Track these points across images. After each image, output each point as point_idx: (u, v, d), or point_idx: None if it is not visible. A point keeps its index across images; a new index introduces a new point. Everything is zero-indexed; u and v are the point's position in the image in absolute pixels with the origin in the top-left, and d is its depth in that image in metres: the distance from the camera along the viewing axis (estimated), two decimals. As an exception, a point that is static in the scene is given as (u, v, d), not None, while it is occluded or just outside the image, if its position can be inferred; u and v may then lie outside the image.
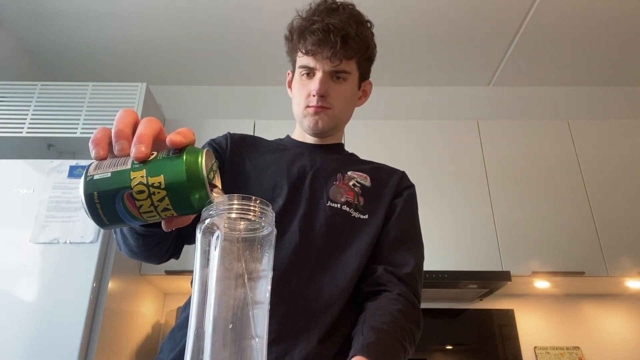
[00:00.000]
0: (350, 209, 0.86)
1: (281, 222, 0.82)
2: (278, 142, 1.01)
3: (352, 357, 0.66)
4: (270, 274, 0.46)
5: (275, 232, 0.46)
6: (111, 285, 1.75)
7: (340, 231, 0.84)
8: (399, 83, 2.91)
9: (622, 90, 2.90)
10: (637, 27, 2.43)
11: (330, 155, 0.95)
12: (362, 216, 0.86)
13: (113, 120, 2.12)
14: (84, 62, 2.73)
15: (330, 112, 0.91)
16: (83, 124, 2.11)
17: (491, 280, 2.06)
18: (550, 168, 2.30)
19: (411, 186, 0.97)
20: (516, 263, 2.09)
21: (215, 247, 0.44)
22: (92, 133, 2.08)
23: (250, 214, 0.43)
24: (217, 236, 0.44)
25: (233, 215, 0.43)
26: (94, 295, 1.67)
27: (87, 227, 1.73)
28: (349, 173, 0.91)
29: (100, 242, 1.72)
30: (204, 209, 0.45)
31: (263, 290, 0.45)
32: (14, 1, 2.29)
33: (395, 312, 0.75)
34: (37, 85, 2.20)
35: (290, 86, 1.01)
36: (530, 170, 2.30)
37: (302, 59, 0.90)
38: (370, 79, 1.02)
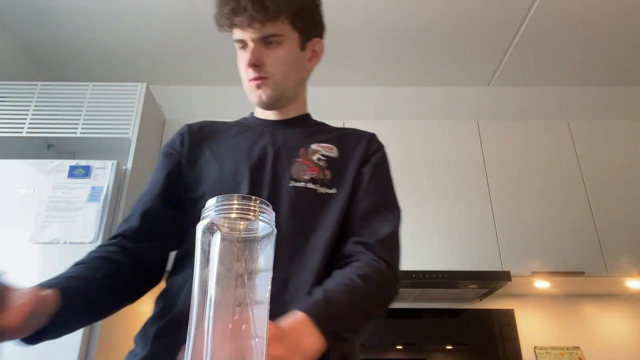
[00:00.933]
0: (315, 185, 0.81)
1: None
2: (241, 121, 0.98)
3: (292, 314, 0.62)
4: (270, 274, 0.46)
5: (275, 232, 0.46)
6: (111, 285, 1.75)
7: (306, 211, 0.79)
8: (399, 83, 2.91)
9: (622, 90, 2.90)
10: (637, 27, 2.43)
11: (293, 130, 0.91)
12: (329, 191, 0.82)
13: (113, 120, 2.13)
14: (84, 62, 2.73)
15: (270, 81, 0.86)
16: (83, 124, 2.11)
17: (491, 280, 2.05)
18: (550, 168, 2.30)
19: (379, 149, 0.92)
20: (516, 263, 2.09)
21: (215, 247, 0.44)
22: (92, 133, 2.09)
23: (250, 214, 0.43)
24: (217, 236, 0.44)
25: (233, 215, 0.43)
26: (94, 295, 1.67)
27: (87, 227, 1.73)
28: (313, 146, 0.86)
29: (100, 242, 1.72)
30: (204, 209, 0.45)
31: (263, 290, 0.45)
32: (14, 1, 2.29)
33: (355, 277, 0.70)
34: (37, 85, 2.20)
35: None
36: (530, 170, 2.30)
37: (234, 32, 0.86)
38: (323, 40, 0.94)
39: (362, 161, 0.87)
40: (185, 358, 0.42)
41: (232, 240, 0.44)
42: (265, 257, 0.46)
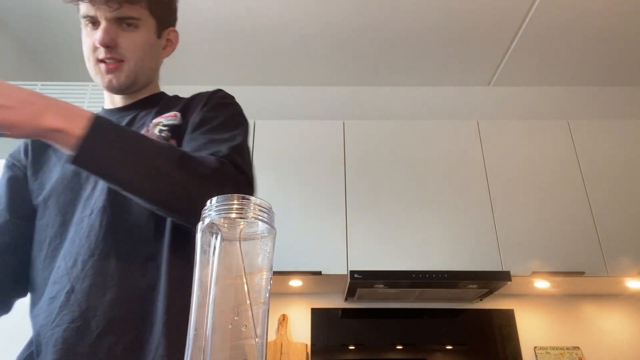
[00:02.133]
0: None
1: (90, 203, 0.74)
2: None
3: None
4: (270, 274, 0.46)
5: (275, 232, 0.46)
6: (111, 285, 1.75)
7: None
8: (399, 83, 2.91)
9: (622, 90, 2.90)
10: (637, 27, 2.43)
11: (142, 112, 0.86)
12: None
13: (113, 120, 2.12)
14: (84, 62, 2.72)
15: (125, 65, 0.82)
16: (83, 124, 2.11)
17: (491, 280, 2.05)
18: (550, 168, 2.30)
19: (213, 93, 0.85)
20: (516, 263, 2.09)
21: (215, 247, 0.44)
22: (92, 133, 2.09)
23: (250, 214, 0.43)
24: (217, 236, 0.44)
25: (233, 215, 0.43)
26: (94, 295, 1.66)
27: (87, 227, 1.73)
28: (156, 119, 0.81)
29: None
30: (204, 209, 0.45)
31: (263, 290, 0.45)
32: (14, 1, 2.29)
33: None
34: (37, 85, 2.19)
35: None
36: (530, 170, 2.30)
37: (82, 7, 0.82)
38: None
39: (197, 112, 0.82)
40: (186, 358, 0.42)
41: (232, 240, 0.44)
42: (265, 257, 0.46)
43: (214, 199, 0.45)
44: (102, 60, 0.82)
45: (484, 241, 2.15)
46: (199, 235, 0.45)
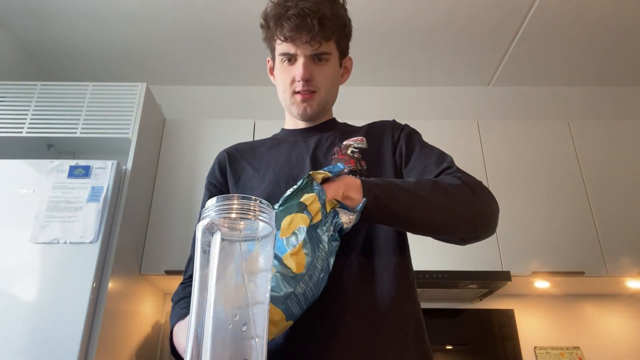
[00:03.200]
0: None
1: None
2: (273, 137, 1.02)
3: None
4: (269, 274, 0.46)
5: (275, 232, 0.46)
6: (111, 285, 1.75)
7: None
8: (399, 83, 2.91)
9: (622, 90, 2.90)
10: (637, 27, 2.43)
11: (324, 134, 0.95)
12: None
13: (113, 120, 2.13)
14: (84, 62, 2.73)
15: (317, 95, 0.91)
16: (83, 124, 2.11)
17: (491, 280, 2.05)
18: (550, 168, 2.30)
19: (404, 126, 0.97)
20: (516, 263, 2.09)
21: (215, 247, 0.44)
22: (92, 133, 2.10)
23: (249, 214, 0.43)
24: (217, 236, 0.44)
25: (233, 215, 0.43)
26: (94, 295, 1.67)
27: (87, 227, 1.73)
28: (345, 142, 0.91)
29: (100, 242, 1.72)
30: (204, 209, 0.45)
31: (263, 290, 0.45)
32: (14, 1, 2.29)
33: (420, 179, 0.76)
34: (37, 85, 2.19)
35: (272, 73, 1.01)
36: (530, 170, 2.30)
37: (282, 46, 0.89)
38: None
39: (393, 144, 0.92)
40: (186, 358, 0.42)
41: (232, 240, 0.44)
42: (265, 257, 0.46)
43: (214, 199, 0.45)
44: (298, 92, 0.91)
45: (484, 241, 2.14)
46: (199, 235, 0.45)
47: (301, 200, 0.65)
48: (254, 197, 0.44)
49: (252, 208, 0.43)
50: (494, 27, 2.45)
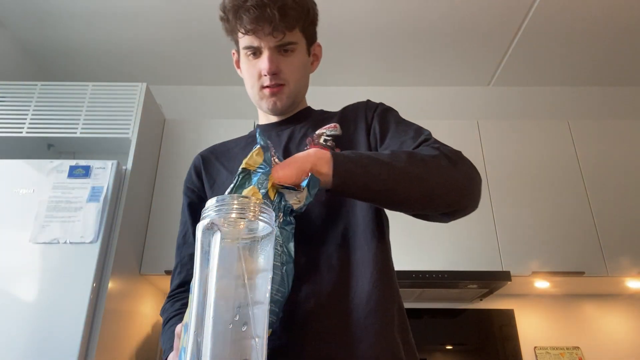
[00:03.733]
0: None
1: None
2: (248, 135, 0.99)
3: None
4: (270, 274, 0.46)
5: (275, 232, 0.46)
6: (111, 285, 1.75)
7: (329, 196, 0.77)
8: (399, 83, 2.91)
9: (622, 90, 2.90)
10: (637, 27, 2.43)
11: (297, 125, 0.92)
12: None
13: (113, 120, 2.12)
14: (84, 62, 2.73)
15: (286, 88, 0.88)
16: (83, 124, 2.11)
17: (491, 280, 2.05)
18: (550, 168, 2.30)
19: (378, 105, 0.92)
20: (516, 263, 2.09)
21: (215, 247, 0.44)
22: (92, 133, 2.10)
23: (249, 214, 0.43)
24: (217, 236, 0.44)
25: (233, 215, 0.43)
26: (94, 295, 1.67)
27: (87, 227, 1.73)
28: (318, 131, 0.87)
29: (100, 242, 1.72)
30: (204, 209, 0.45)
31: (263, 290, 0.45)
32: (14, 1, 2.29)
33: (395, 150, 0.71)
34: (37, 85, 2.19)
35: (239, 66, 0.96)
36: (530, 170, 2.30)
37: (244, 39, 0.85)
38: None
39: (367, 126, 0.88)
40: (186, 358, 0.42)
41: (232, 240, 0.44)
42: (265, 257, 0.46)
43: (214, 199, 0.45)
44: (266, 87, 0.87)
45: (484, 241, 2.15)
46: (199, 235, 0.45)
47: None
48: (254, 197, 0.44)
49: (252, 208, 0.43)
50: (494, 27, 2.45)
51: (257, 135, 0.64)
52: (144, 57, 2.70)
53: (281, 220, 0.61)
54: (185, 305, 0.80)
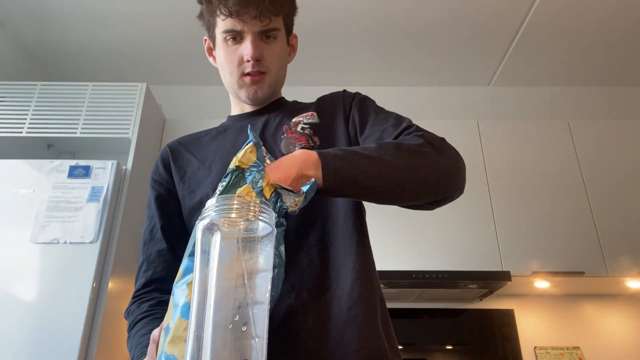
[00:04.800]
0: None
1: None
2: (219, 126, 0.96)
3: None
4: (270, 274, 0.46)
5: (275, 231, 0.46)
6: (111, 285, 1.75)
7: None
8: (399, 83, 2.91)
9: (622, 90, 2.90)
10: (637, 27, 2.43)
11: (272, 114, 0.89)
12: None
13: (113, 120, 2.12)
14: (84, 62, 2.73)
15: (267, 77, 0.84)
16: (83, 124, 2.11)
17: (491, 280, 2.05)
18: (550, 168, 2.30)
19: (355, 94, 0.90)
20: (516, 263, 2.09)
21: (215, 247, 0.44)
22: (92, 133, 2.09)
23: (250, 214, 0.43)
24: (217, 236, 0.44)
25: (233, 215, 0.43)
26: (94, 295, 1.67)
27: (87, 227, 1.73)
28: (294, 119, 0.84)
29: (100, 242, 1.72)
30: (204, 209, 0.45)
31: (263, 290, 0.45)
32: (14, 1, 2.29)
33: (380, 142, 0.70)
34: (37, 85, 2.19)
35: (211, 54, 0.92)
36: (530, 170, 2.30)
37: (226, 22, 0.80)
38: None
39: (345, 115, 0.86)
40: (186, 358, 0.42)
41: (232, 240, 0.44)
42: (265, 257, 0.46)
43: (214, 199, 0.45)
44: (247, 74, 0.83)
45: (484, 241, 2.15)
46: (199, 235, 0.45)
47: None
48: (254, 197, 0.44)
49: (252, 208, 0.43)
50: (494, 27, 2.45)
51: (249, 132, 0.62)
52: (144, 57, 2.70)
53: (275, 221, 0.60)
54: (153, 307, 0.77)
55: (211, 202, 0.44)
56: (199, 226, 0.45)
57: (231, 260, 0.43)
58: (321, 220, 0.75)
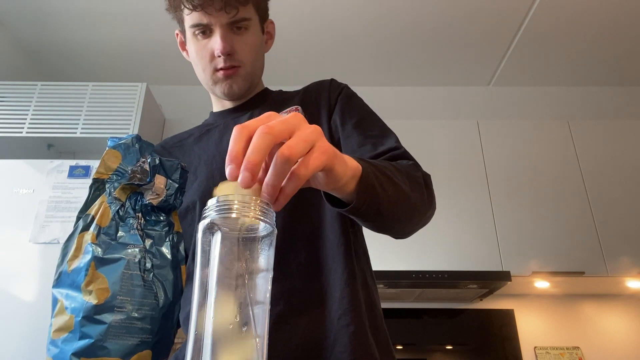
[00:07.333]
0: None
1: None
2: (203, 124, 0.92)
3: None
4: (270, 274, 0.46)
5: (276, 231, 0.46)
6: (111, 285, 1.75)
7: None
8: (399, 83, 2.91)
9: (622, 90, 2.90)
10: (637, 27, 2.43)
11: (256, 110, 0.85)
12: None
13: (113, 120, 2.12)
14: (84, 62, 2.73)
15: (242, 70, 0.80)
16: (83, 124, 2.11)
17: (491, 280, 2.05)
18: (550, 168, 2.30)
19: (342, 88, 0.84)
20: (516, 263, 2.09)
21: (216, 247, 0.43)
22: (92, 133, 2.09)
23: (250, 214, 0.43)
24: (217, 236, 0.44)
25: (233, 215, 0.43)
26: (94, 295, 1.66)
27: (87, 227, 1.72)
28: (280, 115, 0.82)
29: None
30: (205, 209, 0.45)
31: (263, 290, 0.45)
32: (14, 1, 2.29)
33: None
34: (37, 85, 2.19)
35: (184, 49, 0.89)
36: (530, 170, 2.30)
37: (192, 17, 0.77)
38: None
39: (329, 109, 0.81)
40: (186, 358, 0.42)
41: (232, 240, 0.44)
42: (265, 257, 0.45)
43: (214, 199, 0.45)
44: (220, 69, 0.80)
45: (484, 241, 2.15)
46: (199, 235, 0.45)
47: (86, 213, 0.55)
48: (254, 197, 0.44)
49: (252, 208, 0.43)
50: (494, 27, 2.45)
51: (108, 139, 0.58)
52: (144, 57, 2.70)
53: (142, 221, 0.54)
54: None
55: (212, 202, 0.44)
56: (200, 226, 0.45)
57: (231, 260, 0.43)
58: (309, 221, 0.72)
